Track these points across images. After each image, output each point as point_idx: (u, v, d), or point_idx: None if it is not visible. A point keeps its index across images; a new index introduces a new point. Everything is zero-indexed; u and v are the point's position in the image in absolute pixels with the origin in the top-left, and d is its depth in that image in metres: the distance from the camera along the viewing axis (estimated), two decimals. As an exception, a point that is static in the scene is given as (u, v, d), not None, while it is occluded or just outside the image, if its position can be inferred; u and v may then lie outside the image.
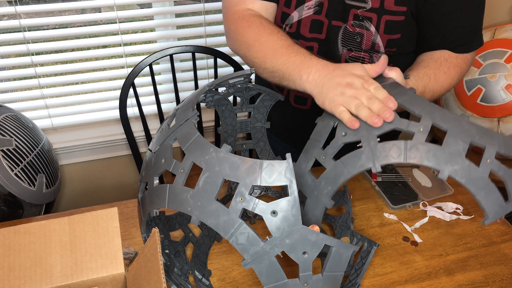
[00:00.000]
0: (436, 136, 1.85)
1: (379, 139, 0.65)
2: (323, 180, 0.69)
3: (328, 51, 0.95)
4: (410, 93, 0.68)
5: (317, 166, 0.73)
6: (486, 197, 0.63)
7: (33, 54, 1.44)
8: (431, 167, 0.63)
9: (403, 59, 0.98)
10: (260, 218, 0.94)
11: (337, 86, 0.71)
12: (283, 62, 0.81)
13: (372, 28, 0.89)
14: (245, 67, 1.55)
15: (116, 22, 1.46)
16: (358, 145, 0.66)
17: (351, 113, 0.69)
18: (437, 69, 0.89)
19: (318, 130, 0.74)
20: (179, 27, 1.59)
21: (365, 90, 0.69)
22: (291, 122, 1.13)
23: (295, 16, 0.93)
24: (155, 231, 0.61)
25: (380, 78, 0.75)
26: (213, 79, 1.57)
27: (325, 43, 0.95)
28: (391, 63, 0.97)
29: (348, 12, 0.89)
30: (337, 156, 0.69)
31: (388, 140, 0.65)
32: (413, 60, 0.97)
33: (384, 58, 0.73)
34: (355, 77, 0.71)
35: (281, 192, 0.97)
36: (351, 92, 0.69)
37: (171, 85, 1.60)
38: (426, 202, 0.98)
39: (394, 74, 0.74)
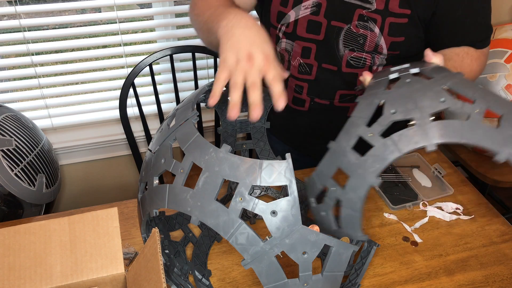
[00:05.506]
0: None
1: (433, 117, 0.64)
2: (370, 158, 0.65)
3: (327, 52, 0.95)
4: (459, 76, 0.66)
5: (310, 168, 0.72)
6: None
7: (33, 54, 1.44)
8: (487, 149, 0.61)
9: (406, 62, 0.97)
10: (260, 218, 0.94)
11: (240, 50, 0.64)
12: (211, 13, 0.79)
13: (377, 30, 0.89)
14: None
15: (116, 22, 1.46)
16: (408, 123, 0.64)
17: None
18: (461, 61, 0.91)
19: (360, 108, 0.70)
20: (179, 27, 1.59)
21: (257, 73, 0.62)
22: (289, 123, 1.13)
23: (291, 15, 0.93)
24: (155, 231, 0.61)
25: (422, 63, 0.74)
26: (213, 79, 1.57)
27: (323, 44, 0.94)
28: (394, 66, 0.97)
29: (353, 12, 0.89)
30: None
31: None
32: None
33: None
34: (260, 54, 0.63)
35: (281, 191, 0.97)
36: (244, 66, 0.63)
37: (171, 85, 1.60)
38: (426, 202, 0.98)
39: (438, 60, 0.73)
